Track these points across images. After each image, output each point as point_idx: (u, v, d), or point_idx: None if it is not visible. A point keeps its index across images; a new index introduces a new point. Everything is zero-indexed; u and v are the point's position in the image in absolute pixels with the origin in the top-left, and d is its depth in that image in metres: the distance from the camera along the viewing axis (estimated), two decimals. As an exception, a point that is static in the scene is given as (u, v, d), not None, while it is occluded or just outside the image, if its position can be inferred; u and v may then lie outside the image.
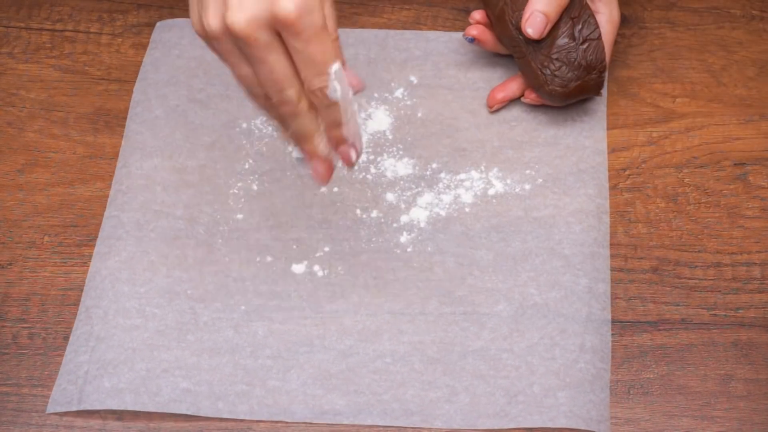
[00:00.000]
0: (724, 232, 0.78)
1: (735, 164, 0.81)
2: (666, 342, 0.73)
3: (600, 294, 0.74)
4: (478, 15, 0.82)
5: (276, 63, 0.60)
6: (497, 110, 0.83)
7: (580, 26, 0.78)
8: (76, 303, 0.75)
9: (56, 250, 0.78)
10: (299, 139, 0.65)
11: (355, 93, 0.64)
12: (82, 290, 0.76)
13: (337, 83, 0.62)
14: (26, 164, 0.82)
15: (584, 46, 0.78)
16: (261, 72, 0.61)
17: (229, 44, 0.61)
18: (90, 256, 0.77)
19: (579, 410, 0.69)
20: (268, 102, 0.63)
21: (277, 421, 0.69)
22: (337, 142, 0.65)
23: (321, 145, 0.64)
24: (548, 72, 0.78)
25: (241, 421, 0.69)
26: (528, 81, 0.81)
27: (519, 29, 0.78)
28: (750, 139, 0.82)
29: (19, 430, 0.70)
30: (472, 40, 0.82)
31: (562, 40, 0.78)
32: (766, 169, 0.80)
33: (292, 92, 0.62)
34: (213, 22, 0.60)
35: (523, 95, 0.82)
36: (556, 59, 0.78)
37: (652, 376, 0.72)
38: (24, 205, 0.80)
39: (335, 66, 0.61)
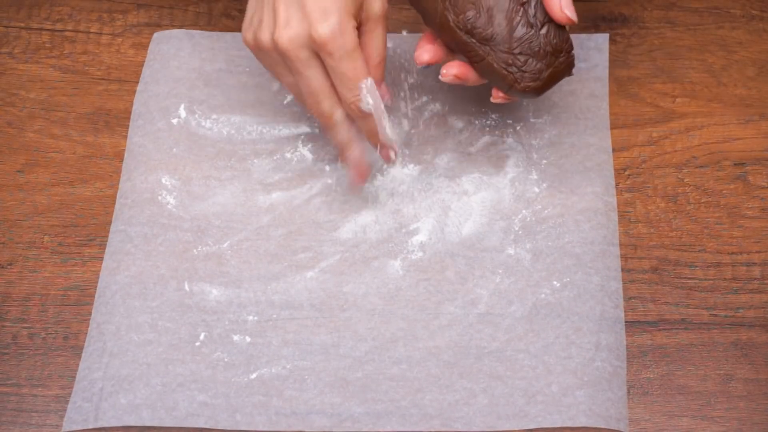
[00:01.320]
0: (724, 232, 0.78)
1: (735, 164, 0.81)
2: (666, 342, 0.73)
3: (612, 292, 0.74)
4: (426, 56, 0.75)
5: (313, 78, 0.71)
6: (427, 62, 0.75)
7: (532, 10, 0.72)
8: (77, 303, 0.75)
9: (56, 250, 0.78)
10: (338, 148, 0.76)
11: (385, 104, 0.73)
12: (82, 290, 0.76)
13: (369, 97, 0.72)
14: (26, 164, 0.82)
15: (544, 30, 0.72)
16: (300, 84, 0.72)
17: (275, 57, 0.72)
18: (90, 256, 0.77)
19: (598, 408, 0.69)
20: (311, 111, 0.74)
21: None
22: (375, 146, 0.75)
23: (356, 152, 0.75)
24: (515, 69, 0.72)
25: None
26: (495, 84, 0.74)
27: (469, 32, 0.72)
28: (750, 139, 0.82)
29: (19, 430, 0.70)
30: (427, 66, 0.76)
31: (520, 31, 0.72)
32: (766, 169, 0.80)
33: (326, 104, 0.72)
34: (264, 37, 0.71)
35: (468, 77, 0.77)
36: (519, 53, 0.72)
37: (652, 376, 0.72)
38: (24, 205, 0.80)
39: (367, 81, 0.71)
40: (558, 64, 0.73)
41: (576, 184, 0.79)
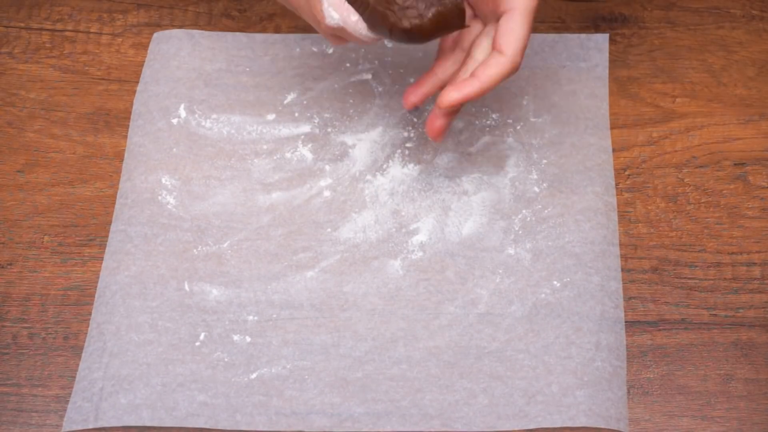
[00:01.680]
0: (724, 232, 0.78)
1: (735, 164, 0.81)
2: (666, 342, 0.73)
3: (612, 292, 0.74)
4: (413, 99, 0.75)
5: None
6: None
7: None
8: (77, 303, 0.75)
9: (56, 250, 0.78)
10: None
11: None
12: (82, 290, 0.76)
13: (332, 10, 0.68)
14: (26, 164, 0.82)
15: None
16: None
17: None
18: (90, 256, 0.77)
19: (598, 408, 0.69)
20: None
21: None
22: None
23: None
24: (396, 8, 0.68)
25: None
26: (379, 33, 0.70)
27: None
28: (750, 139, 0.82)
29: (19, 430, 0.70)
30: None
31: None
32: (766, 169, 0.80)
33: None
34: None
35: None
36: None
37: (652, 376, 0.72)
38: (24, 205, 0.80)
39: None
40: (446, 3, 0.68)
41: (576, 184, 0.79)
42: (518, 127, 0.82)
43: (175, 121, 0.83)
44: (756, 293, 0.75)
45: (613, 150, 0.81)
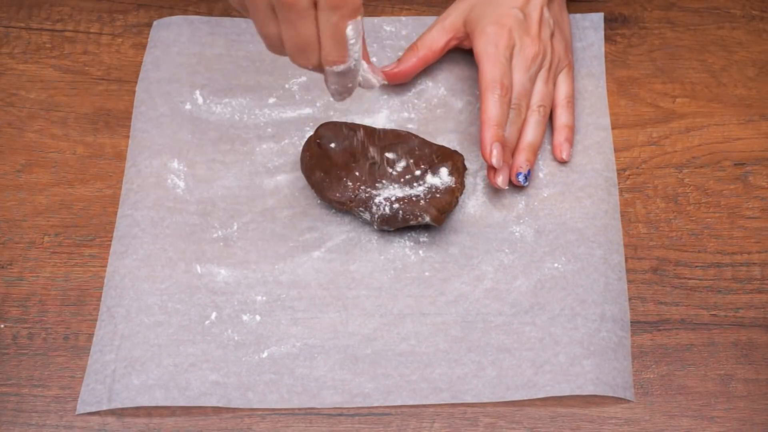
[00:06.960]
0: (724, 232, 0.78)
1: (735, 164, 0.81)
2: (666, 342, 0.73)
3: (615, 264, 0.75)
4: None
5: (304, 30, 0.65)
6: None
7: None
8: (76, 303, 0.75)
9: (56, 250, 0.78)
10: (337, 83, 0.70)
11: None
12: (82, 290, 0.76)
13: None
14: (26, 164, 0.82)
15: None
16: (287, 35, 0.65)
17: (264, 3, 0.65)
18: (90, 256, 0.77)
19: (605, 377, 0.70)
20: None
21: (278, 420, 0.70)
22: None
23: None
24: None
25: (241, 420, 0.70)
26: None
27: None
28: (750, 139, 0.82)
29: (19, 430, 0.70)
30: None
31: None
32: (766, 169, 0.80)
33: (314, 58, 0.67)
34: None
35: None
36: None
37: (652, 376, 0.72)
38: (24, 205, 0.80)
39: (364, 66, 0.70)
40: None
41: (576, 163, 0.79)
42: None
43: (177, 106, 0.83)
44: (756, 293, 0.75)
45: (614, 150, 0.81)
